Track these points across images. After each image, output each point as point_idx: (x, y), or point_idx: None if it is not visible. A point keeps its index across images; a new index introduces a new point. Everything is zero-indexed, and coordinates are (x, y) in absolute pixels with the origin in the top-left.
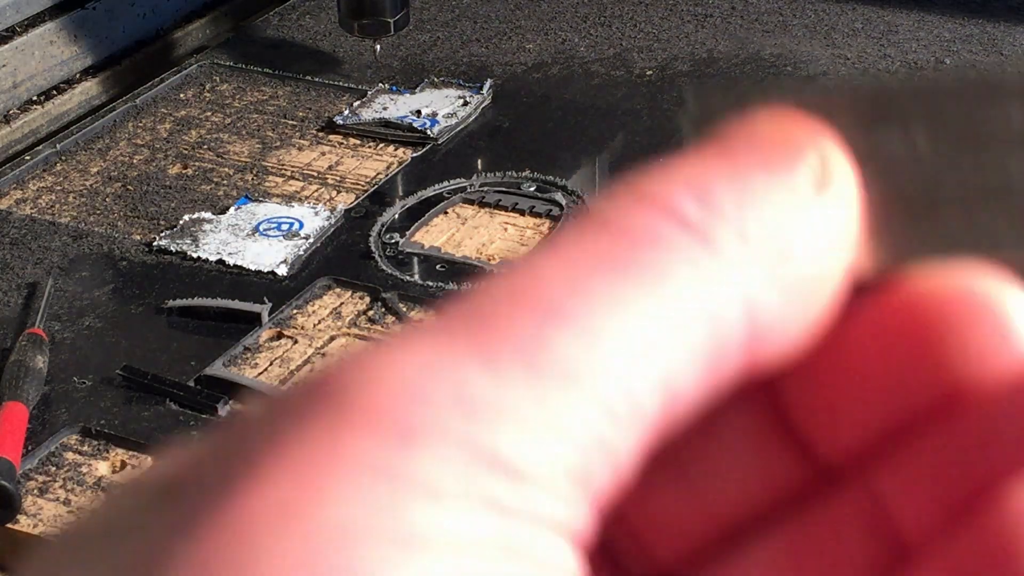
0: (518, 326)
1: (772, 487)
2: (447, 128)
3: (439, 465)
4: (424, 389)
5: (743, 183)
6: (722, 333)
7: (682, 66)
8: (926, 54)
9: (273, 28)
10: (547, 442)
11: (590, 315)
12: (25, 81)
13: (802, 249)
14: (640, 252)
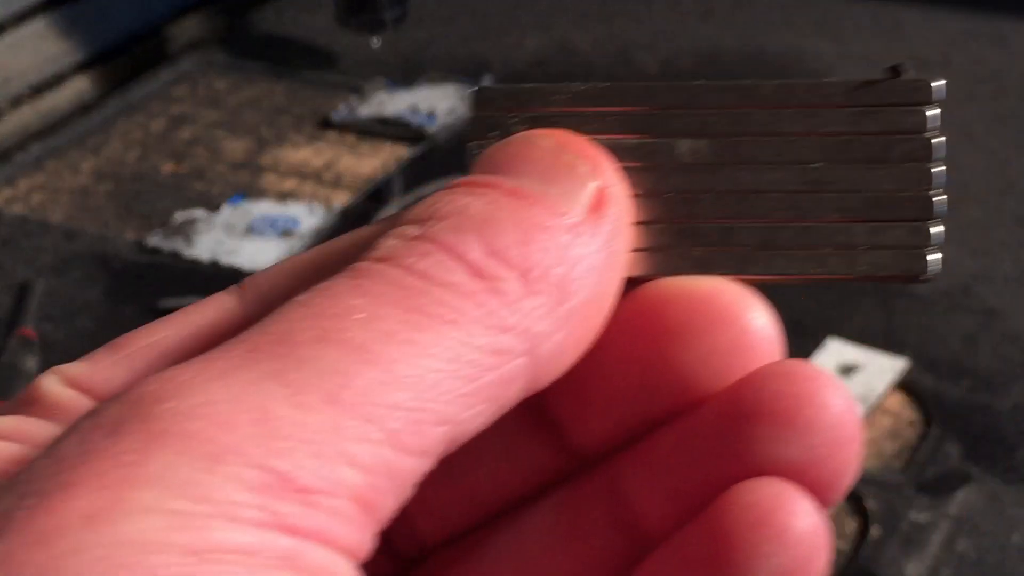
0: (322, 361)
1: (528, 476)
2: (445, 125)
3: (236, 485)
4: (230, 415)
5: (526, 225)
6: (506, 369)
7: (685, 62)
8: (933, 50)
9: (269, 23)
10: (337, 469)
11: (387, 354)
12: (15, 77)
13: (578, 283)
14: (435, 296)
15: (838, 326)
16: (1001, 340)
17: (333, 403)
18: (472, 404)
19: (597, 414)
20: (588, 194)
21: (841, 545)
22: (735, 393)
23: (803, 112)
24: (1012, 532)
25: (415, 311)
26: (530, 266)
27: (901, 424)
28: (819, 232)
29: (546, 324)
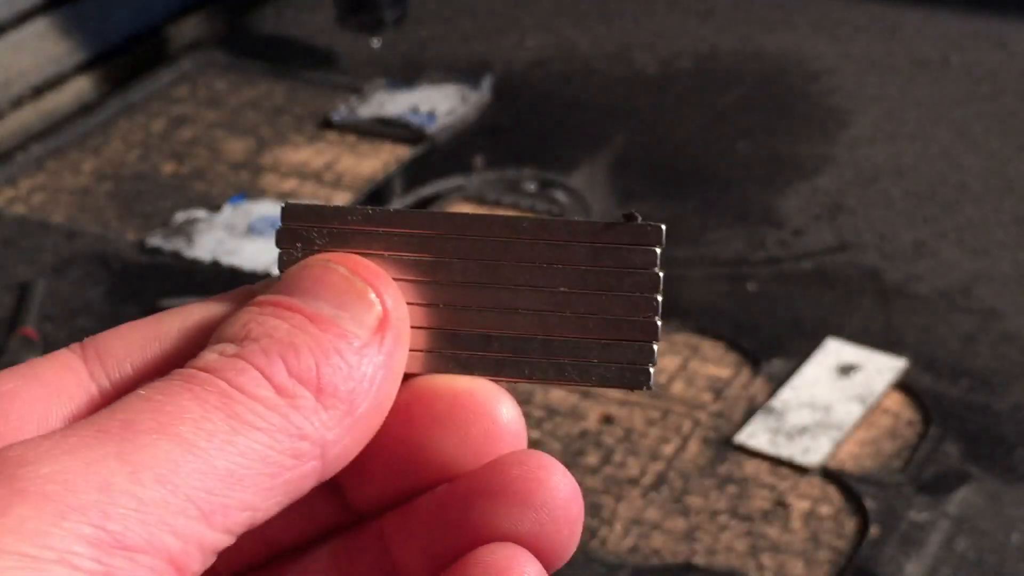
0: (157, 449)
1: (312, 524)
2: (446, 125)
3: (76, 539)
4: (78, 483)
5: (321, 350)
6: (302, 469)
7: (685, 63)
8: (932, 51)
9: (269, 24)
10: (159, 535)
11: (209, 450)
12: (16, 77)
13: (363, 396)
14: (248, 407)
15: (838, 326)
16: (1000, 340)
17: (162, 483)
18: (271, 496)
19: (371, 481)
20: (373, 317)
21: (840, 545)
22: (484, 473)
23: (554, 245)
24: (1011, 531)
25: (233, 418)
26: (323, 385)
27: (900, 424)
28: (560, 346)
29: (335, 432)
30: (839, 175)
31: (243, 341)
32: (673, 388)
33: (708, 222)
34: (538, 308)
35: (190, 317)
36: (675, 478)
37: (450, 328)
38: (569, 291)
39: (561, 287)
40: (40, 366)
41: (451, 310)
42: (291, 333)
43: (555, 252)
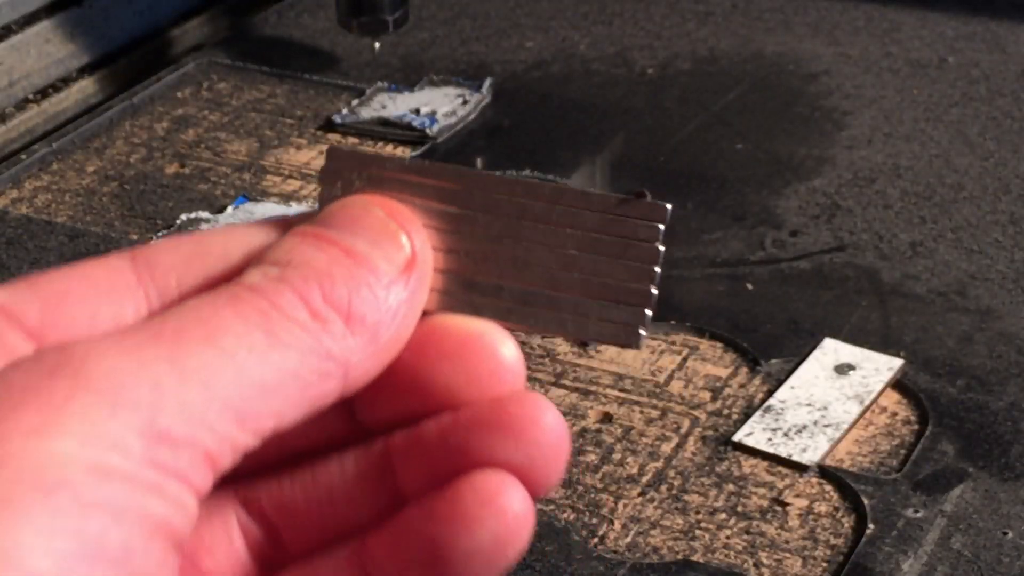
0: (204, 356)
1: (325, 435)
2: (446, 127)
3: (130, 430)
4: (133, 380)
5: (354, 282)
6: (326, 386)
7: (683, 64)
8: (929, 52)
9: (271, 26)
10: (200, 433)
11: (248, 361)
12: (21, 79)
13: (386, 328)
14: (285, 326)
15: (835, 326)
16: (997, 339)
17: (205, 388)
18: (297, 407)
19: (383, 402)
20: (402, 258)
21: (838, 542)
22: (486, 407)
23: (569, 211)
24: (1007, 529)
25: (271, 335)
26: (352, 313)
27: (897, 423)
28: (564, 302)
29: (359, 357)
30: (837, 176)
31: (285, 266)
32: (671, 387)
33: (706, 222)
34: (548, 265)
35: (233, 238)
36: (674, 476)
37: (468, 274)
38: (578, 253)
39: (571, 249)
40: (92, 267)
41: (470, 258)
42: (329, 263)
43: (569, 217)
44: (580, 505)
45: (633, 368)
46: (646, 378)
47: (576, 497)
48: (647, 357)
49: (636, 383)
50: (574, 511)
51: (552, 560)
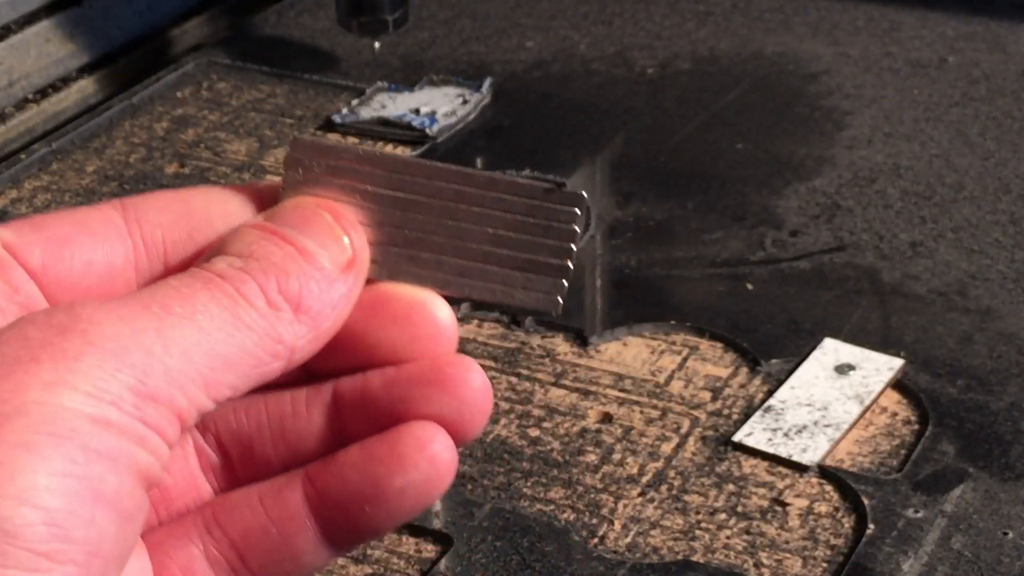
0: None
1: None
2: (446, 127)
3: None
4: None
5: (304, 277)
6: (275, 364)
7: (683, 64)
8: (929, 52)
9: (271, 26)
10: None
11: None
12: (20, 79)
13: (328, 315)
14: (246, 311)
15: (835, 326)
16: (997, 339)
17: (184, 357)
18: (249, 379)
19: (334, 357)
20: (344, 258)
21: (838, 542)
22: (424, 365)
23: (501, 196)
24: (1007, 529)
25: (236, 317)
26: (300, 304)
27: (897, 423)
28: (495, 273)
29: (303, 342)
30: (837, 176)
31: (248, 258)
32: (671, 387)
33: (706, 222)
34: (481, 242)
35: (213, 200)
36: (674, 476)
37: (412, 250)
38: (506, 233)
39: (501, 229)
40: (88, 216)
41: (414, 235)
42: (283, 259)
43: (500, 202)
44: (580, 505)
45: (633, 368)
46: (646, 378)
47: (576, 497)
48: (647, 357)
49: (636, 383)
50: (574, 511)
51: (552, 560)
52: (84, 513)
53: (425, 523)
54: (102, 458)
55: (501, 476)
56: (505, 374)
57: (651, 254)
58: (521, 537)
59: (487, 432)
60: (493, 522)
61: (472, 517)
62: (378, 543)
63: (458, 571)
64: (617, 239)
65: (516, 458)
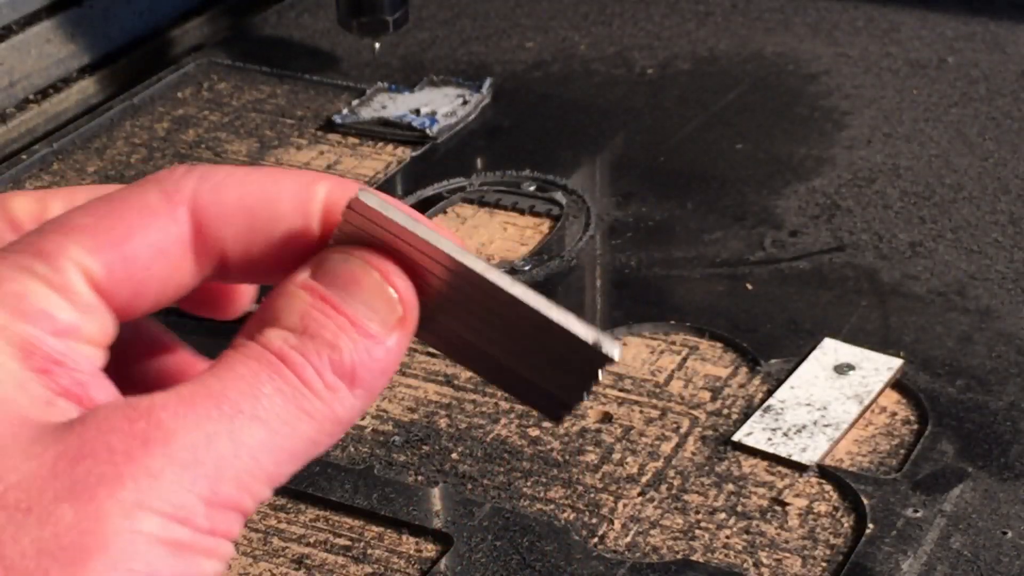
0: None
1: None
2: (446, 127)
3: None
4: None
5: (358, 355)
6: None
7: (683, 65)
8: (929, 52)
9: (271, 26)
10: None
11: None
12: (21, 80)
13: (381, 383)
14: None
15: (835, 326)
16: (996, 339)
17: (253, 460)
18: (308, 460)
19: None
20: (395, 319)
21: (837, 542)
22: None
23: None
24: (1007, 529)
25: (301, 410)
26: (355, 379)
27: (896, 423)
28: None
29: (357, 413)
30: (836, 176)
31: (301, 336)
32: (671, 387)
33: (706, 222)
34: (515, 350)
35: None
36: (673, 476)
37: (447, 326)
38: (540, 351)
39: (531, 349)
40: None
41: (452, 317)
42: (336, 335)
43: (540, 328)
44: (580, 505)
45: (633, 368)
46: (646, 378)
47: (576, 497)
48: (647, 357)
49: (636, 383)
50: (574, 511)
51: (552, 560)
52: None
53: (425, 523)
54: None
55: (501, 476)
56: None
57: (651, 254)
58: (521, 537)
59: (487, 432)
60: (493, 522)
61: (472, 517)
62: (378, 543)
63: (458, 571)
64: (617, 239)
65: (516, 458)
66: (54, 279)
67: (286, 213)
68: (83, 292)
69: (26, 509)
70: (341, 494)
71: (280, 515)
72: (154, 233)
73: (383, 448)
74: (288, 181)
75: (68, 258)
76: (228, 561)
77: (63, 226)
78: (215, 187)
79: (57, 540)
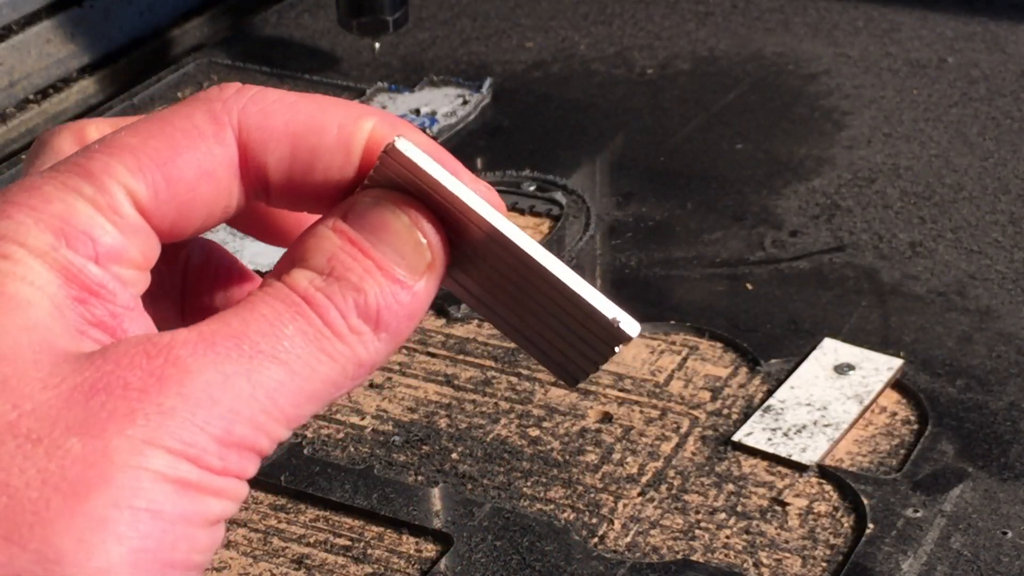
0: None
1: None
2: (446, 127)
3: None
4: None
5: (384, 299)
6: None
7: (683, 65)
8: (929, 52)
9: (272, 26)
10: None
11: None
12: (22, 79)
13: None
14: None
15: (835, 326)
16: (996, 339)
17: (271, 400)
18: (329, 402)
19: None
20: (423, 264)
21: (837, 542)
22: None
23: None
24: (1007, 529)
25: (322, 351)
26: (380, 322)
27: (896, 423)
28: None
29: (382, 357)
30: (836, 176)
31: (328, 277)
32: (671, 387)
33: (706, 222)
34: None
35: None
36: (673, 476)
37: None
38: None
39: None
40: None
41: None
42: (362, 278)
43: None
44: (580, 505)
45: (633, 368)
46: (646, 378)
47: (576, 497)
48: (647, 357)
49: (636, 383)
50: (574, 511)
51: (552, 560)
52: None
53: (425, 523)
54: (177, 524)
55: (501, 476)
56: (505, 374)
57: (651, 254)
58: (521, 537)
59: (487, 432)
60: (493, 522)
61: (472, 517)
62: (378, 543)
63: (458, 571)
64: (617, 239)
65: (516, 458)
66: (99, 200)
67: (329, 146)
68: (129, 214)
69: (36, 439)
70: (341, 494)
71: (280, 515)
72: (200, 155)
73: (383, 448)
74: (336, 112)
75: (114, 178)
76: (241, 502)
77: (109, 146)
78: (263, 111)
79: (62, 473)
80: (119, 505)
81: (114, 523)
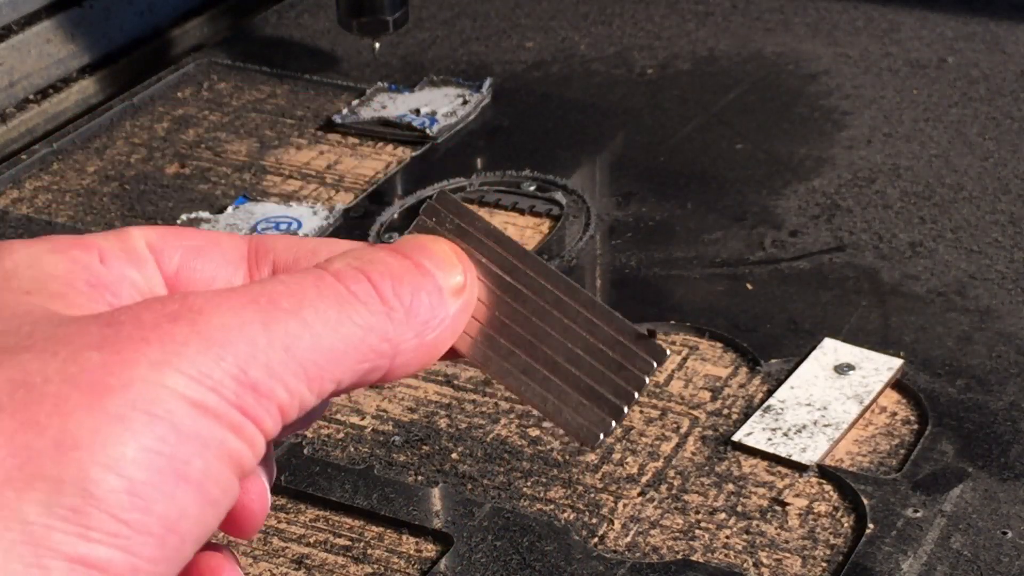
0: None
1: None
2: (446, 127)
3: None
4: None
5: (417, 285)
6: (377, 362)
7: (683, 65)
8: (929, 52)
9: (271, 26)
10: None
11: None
12: (22, 80)
13: (433, 327)
14: (357, 308)
15: (835, 326)
16: (996, 339)
17: (287, 351)
18: (353, 375)
19: None
20: (456, 284)
21: (837, 542)
22: None
23: (593, 321)
24: (1007, 529)
25: (343, 313)
26: (411, 308)
27: (896, 423)
28: (554, 386)
29: (408, 345)
30: (836, 176)
31: (366, 262)
32: (671, 387)
33: (706, 222)
34: (557, 352)
35: (334, 248)
36: (673, 476)
37: (493, 331)
38: (584, 354)
39: (579, 349)
40: (220, 237)
41: (500, 320)
42: (400, 268)
43: (591, 325)
44: (580, 505)
45: None
46: None
47: (576, 497)
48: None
49: None
50: (574, 511)
51: (552, 560)
52: (167, 489)
53: (425, 523)
54: (192, 440)
55: (501, 476)
56: None
57: (651, 254)
58: (521, 537)
59: (487, 432)
60: (493, 522)
61: (472, 517)
62: (378, 543)
63: (458, 571)
64: (617, 239)
65: (516, 458)
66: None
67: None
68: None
69: (54, 352)
70: (341, 494)
71: (280, 515)
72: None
73: (383, 448)
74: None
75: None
76: (259, 456)
77: None
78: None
79: (82, 374)
80: (136, 408)
81: (131, 421)
